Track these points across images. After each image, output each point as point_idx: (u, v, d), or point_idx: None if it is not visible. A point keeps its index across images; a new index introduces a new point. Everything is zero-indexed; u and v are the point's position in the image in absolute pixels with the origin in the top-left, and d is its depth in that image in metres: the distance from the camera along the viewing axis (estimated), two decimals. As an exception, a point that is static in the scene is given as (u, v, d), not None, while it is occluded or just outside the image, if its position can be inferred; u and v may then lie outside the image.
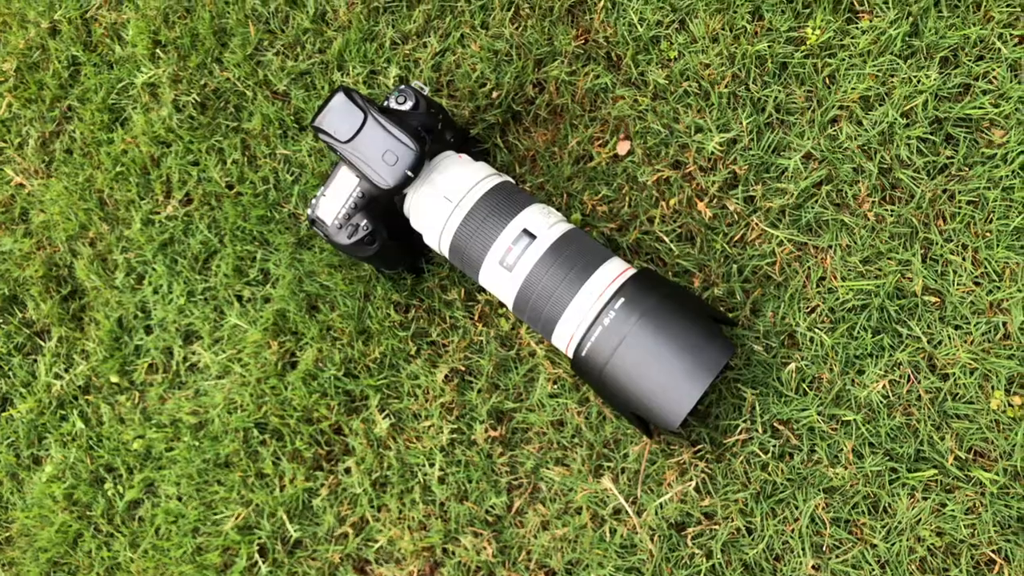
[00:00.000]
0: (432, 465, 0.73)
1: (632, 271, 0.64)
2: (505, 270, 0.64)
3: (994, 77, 0.67)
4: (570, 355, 0.64)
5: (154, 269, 0.84)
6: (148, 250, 0.84)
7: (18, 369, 0.87)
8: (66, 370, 0.86)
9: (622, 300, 0.60)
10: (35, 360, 0.88)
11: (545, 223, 0.65)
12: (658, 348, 0.59)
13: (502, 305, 0.74)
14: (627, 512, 0.68)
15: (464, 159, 0.68)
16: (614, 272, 0.63)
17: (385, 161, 0.62)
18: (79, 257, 0.87)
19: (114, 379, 0.83)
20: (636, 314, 0.60)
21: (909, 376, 0.66)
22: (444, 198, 0.65)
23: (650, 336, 0.59)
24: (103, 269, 0.86)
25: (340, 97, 0.63)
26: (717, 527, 0.67)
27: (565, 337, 0.63)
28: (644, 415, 0.61)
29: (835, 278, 0.68)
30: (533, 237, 0.64)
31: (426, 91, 0.71)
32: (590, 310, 0.61)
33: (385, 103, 0.68)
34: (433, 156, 0.68)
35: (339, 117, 0.63)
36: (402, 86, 0.68)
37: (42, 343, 0.88)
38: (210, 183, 0.84)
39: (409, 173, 0.63)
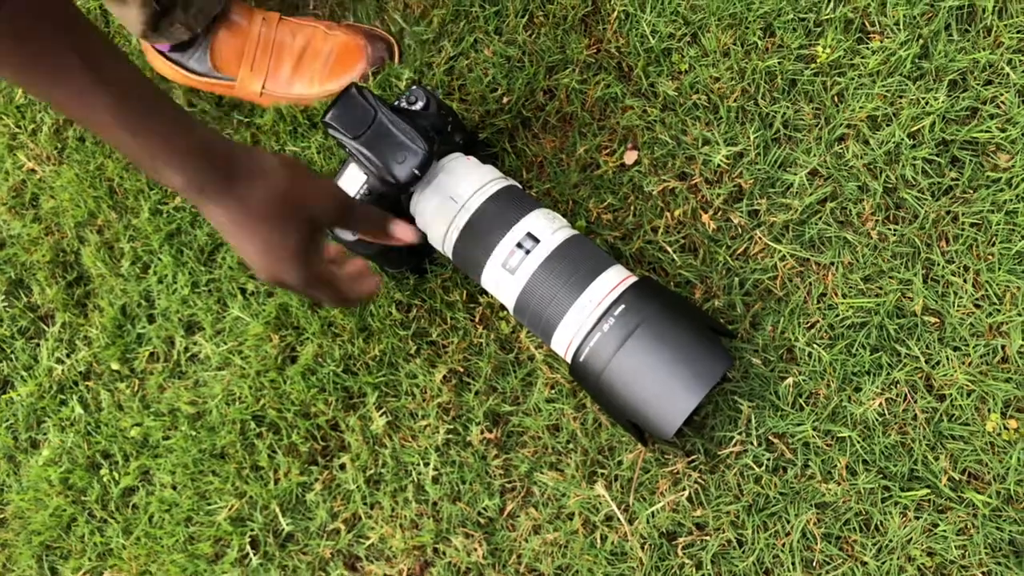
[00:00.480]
0: (427, 464, 0.73)
1: (633, 279, 0.64)
2: (507, 273, 0.64)
3: (1002, 102, 0.67)
4: (568, 360, 0.64)
5: (160, 259, 0.84)
6: (155, 240, 0.85)
7: (20, 352, 0.88)
8: (68, 355, 0.86)
9: (622, 307, 0.61)
10: (38, 344, 0.88)
11: (549, 228, 0.65)
12: (656, 357, 0.60)
13: (503, 308, 0.74)
14: (619, 519, 0.69)
15: (472, 161, 0.69)
16: (615, 279, 0.63)
17: (393, 159, 0.63)
18: (86, 244, 0.88)
19: (115, 366, 0.84)
20: (635, 322, 0.60)
21: (906, 395, 0.66)
22: (450, 199, 0.66)
23: (648, 344, 0.60)
24: (109, 257, 0.87)
25: (351, 94, 0.63)
26: (708, 538, 0.67)
27: (564, 342, 0.63)
28: (639, 423, 0.61)
29: (836, 295, 0.69)
30: (537, 241, 0.64)
31: (437, 93, 0.72)
32: (590, 316, 0.62)
33: (396, 103, 0.69)
34: (441, 157, 0.68)
35: (349, 114, 0.63)
36: (414, 86, 0.68)
37: (45, 328, 0.88)
38: (219, 176, 0.84)
39: (416, 172, 0.63)
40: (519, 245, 0.64)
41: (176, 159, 0.47)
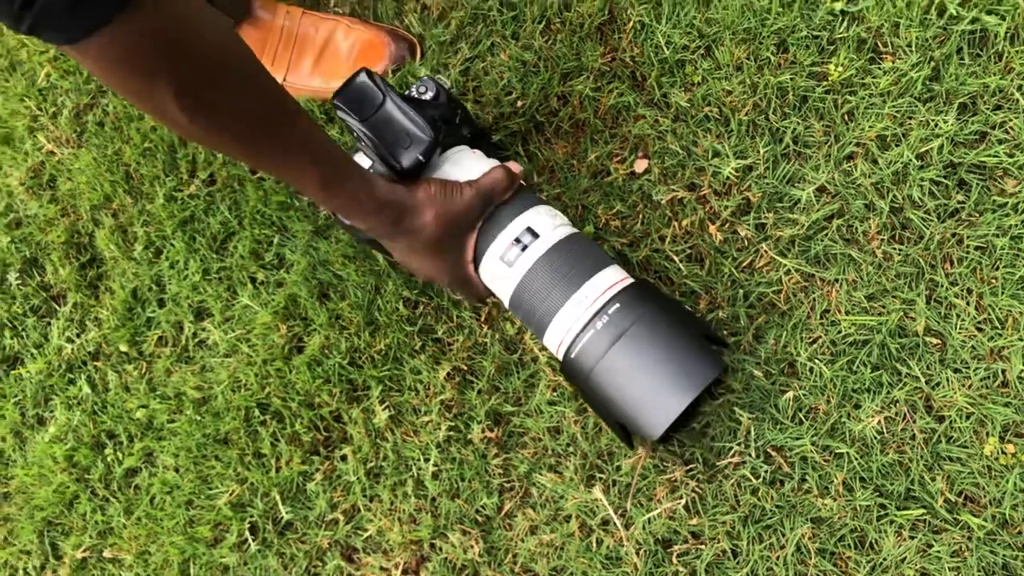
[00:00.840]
0: (427, 460, 0.74)
1: (630, 280, 0.64)
2: (505, 265, 0.65)
3: (1011, 127, 0.68)
4: (560, 356, 0.64)
5: (173, 245, 0.85)
6: (168, 226, 0.86)
7: (32, 330, 0.89)
8: (78, 335, 0.87)
9: (617, 306, 0.61)
10: (49, 323, 0.89)
11: (551, 224, 0.66)
12: (647, 357, 0.59)
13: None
14: (615, 524, 0.69)
15: (477, 154, 0.70)
16: (612, 279, 0.63)
17: (399, 144, 0.63)
18: (101, 227, 0.89)
19: (123, 348, 0.85)
20: (629, 321, 0.60)
21: (905, 415, 0.67)
22: (456, 192, 0.66)
23: (640, 345, 0.60)
24: (123, 240, 0.88)
25: (362, 77, 0.63)
26: (703, 547, 0.67)
27: (557, 338, 0.64)
28: (626, 423, 0.61)
29: (839, 311, 0.69)
30: (536, 236, 0.65)
31: (447, 84, 0.72)
32: (584, 313, 0.62)
33: (407, 92, 0.69)
34: (448, 148, 0.69)
35: (358, 96, 0.63)
36: (424, 76, 0.69)
37: (57, 307, 0.90)
38: (234, 166, 0.86)
39: (421, 159, 0.63)
40: (518, 239, 0.65)
41: (361, 213, 0.62)
